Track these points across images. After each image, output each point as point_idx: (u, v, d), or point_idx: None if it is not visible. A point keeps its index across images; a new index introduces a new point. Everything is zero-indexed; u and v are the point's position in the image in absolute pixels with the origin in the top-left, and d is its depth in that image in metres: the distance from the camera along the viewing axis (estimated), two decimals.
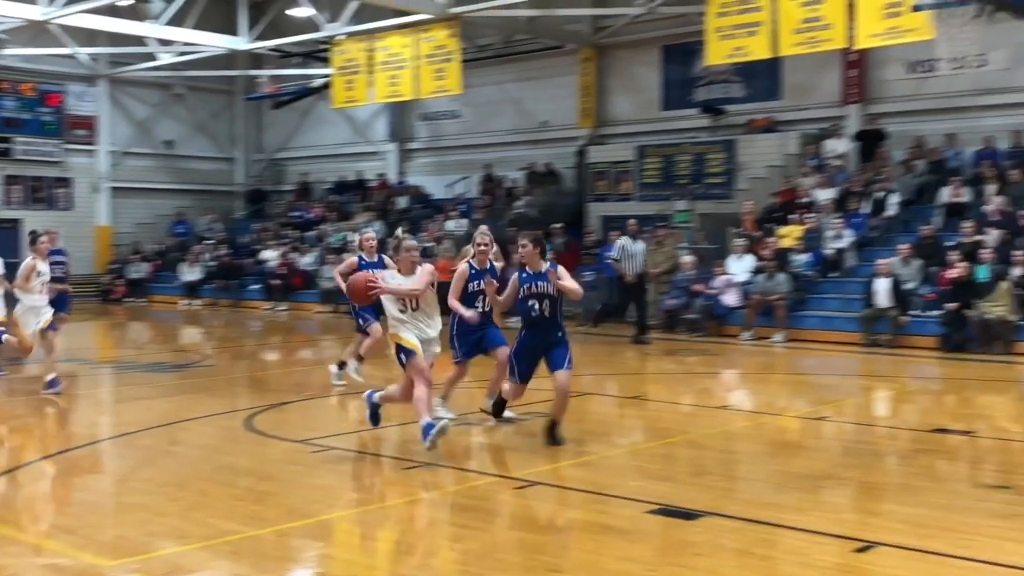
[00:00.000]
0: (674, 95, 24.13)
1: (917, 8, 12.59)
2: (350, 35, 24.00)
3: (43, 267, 11.65)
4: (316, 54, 27.35)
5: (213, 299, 26.30)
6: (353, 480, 7.63)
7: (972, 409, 11.35)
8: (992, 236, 16.56)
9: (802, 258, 18.27)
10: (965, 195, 18.20)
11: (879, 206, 18.91)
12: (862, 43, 17.04)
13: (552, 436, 8.34)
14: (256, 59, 30.07)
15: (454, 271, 9.54)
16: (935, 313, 15.98)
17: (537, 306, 8.34)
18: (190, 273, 26.91)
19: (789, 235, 18.85)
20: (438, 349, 8.36)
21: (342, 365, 11.80)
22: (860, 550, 5.67)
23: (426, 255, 23.64)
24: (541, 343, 8.42)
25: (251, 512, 6.52)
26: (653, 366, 15.03)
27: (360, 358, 11.86)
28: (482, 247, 9.16)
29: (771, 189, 20.80)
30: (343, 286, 11.22)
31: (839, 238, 18.41)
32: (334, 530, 6.36)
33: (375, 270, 10.93)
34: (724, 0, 18.06)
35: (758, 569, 5.47)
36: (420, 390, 7.97)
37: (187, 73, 29.43)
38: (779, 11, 17.37)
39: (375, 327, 11.41)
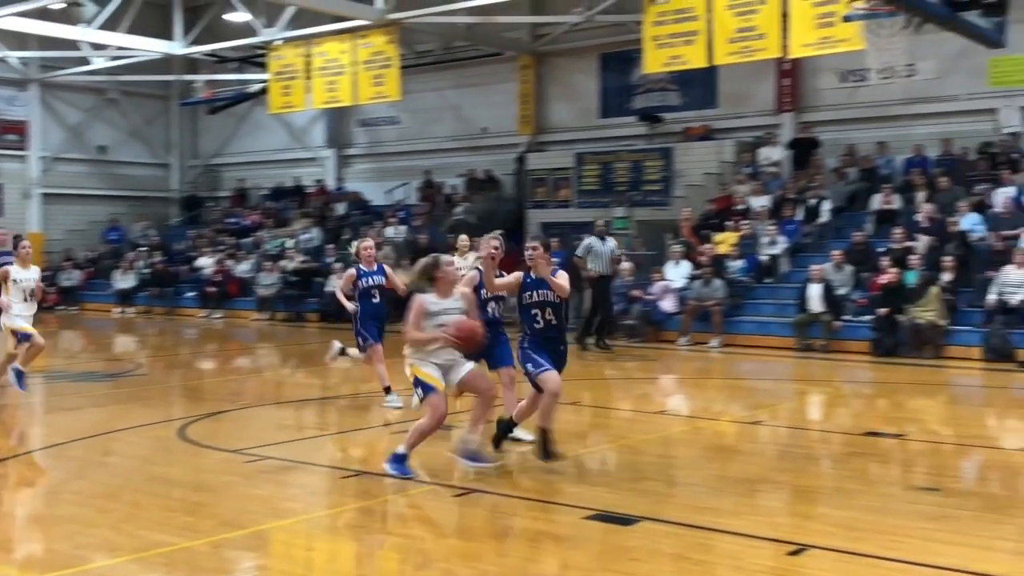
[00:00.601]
0: (612, 103, 24.30)
1: (848, 19, 12.81)
2: (287, 40, 23.81)
3: (23, 274, 11.18)
4: (253, 59, 27.11)
5: (147, 307, 25.89)
6: (289, 490, 7.56)
7: (903, 412, 11.56)
8: (922, 242, 16.91)
9: (737, 264, 18.50)
10: (896, 202, 18.57)
11: (812, 213, 19.21)
12: (795, 53, 17.31)
13: (550, 451, 7.66)
14: (192, 64, 29.68)
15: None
16: (867, 318, 16.28)
17: (540, 316, 7.68)
18: (123, 280, 26.46)
19: (725, 241, 19.08)
20: (467, 367, 7.57)
21: (388, 390, 10.88)
22: (793, 553, 5.75)
23: (351, 263, 23.51)
24: (546, 352, 7.67)
25: (184, 523, 6.43)
26: (591, 371, 15.09)
27: (388, 389, 10.97)
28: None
29: (707, 196, 21.04)
30: (347, 305, 11.02)
31: (773, 244, 18.67)
32: (269, 540, 6.29)
33: (373, 278, 10.84)
34: (661, 9, 18.23)
35: (694, 573, 5.52)
36: (425, 423, 7.40)
37: (121, 78, 28.99)
38: (714, 21, 17.58)
39: (377, 349, 10.89)
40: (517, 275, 7.76)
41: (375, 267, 10.93)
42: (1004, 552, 5.96)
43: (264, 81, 25.25)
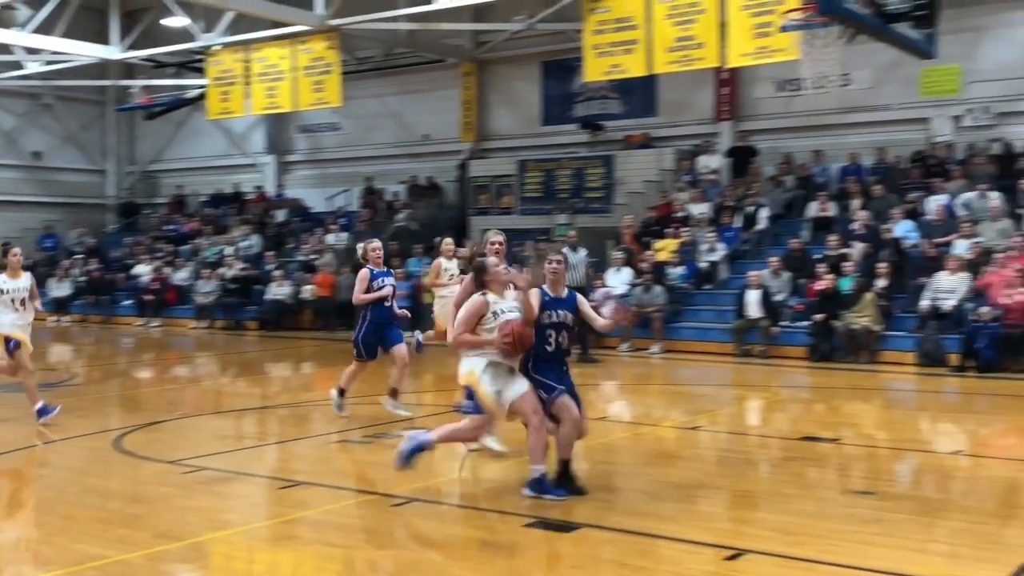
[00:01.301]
0: (554, 110, 24.42)
1: (784, 29, 13.02)
2: (226, 46, 23.59)
3: (12, 284, 10.40)
4: (191, 64, 26.79)
5: (83, 315, 25.45)
6: (227, 501, 7.47)
7: (839, 417, 11.75)
8: (857, 249, 17.20)
9: (677, 271, 18.67)
10: (831, 209, 18.87)
11: (750, 220, 19.46)
12: (733, 62, 17.53)
13: (574, 483, 7.18)
14: (129, 69, 29.27)
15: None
16: (804, 324, 16.52)
17: (554, 338, 7.12)
18: (59, 288, 25.97)
19: (665, 248, 19.24)
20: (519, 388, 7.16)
21: (394, 393, 10.45)
22: (731, 558, 5.81)
23: (310, 270, 23.44)
24: (554, 376, 7.17)
25: (120, 536, 6.32)
26: None
27: (342, 391, 10.51)
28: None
29: (648, 203, 21.21)
30: (364, 297, 10.24)
31: (713, 251, 18.87)
32: (207, 552, 6.21)
33: (384, 279, 10.36)
34: (601, 18, 18.36)
35: None
36: (462, 431, 7.25)
37: (56, 83, 28.45)
38: (654, 30, 17.74)
39: (364, 368, 10.46)
40: (535, 293, 7.13)
41: (385, 268, 10.54)
42: (937, 555, 6.08)
43: (202, 87, 24.96)
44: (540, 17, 22.03)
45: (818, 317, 16.16)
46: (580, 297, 7.40)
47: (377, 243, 10.60)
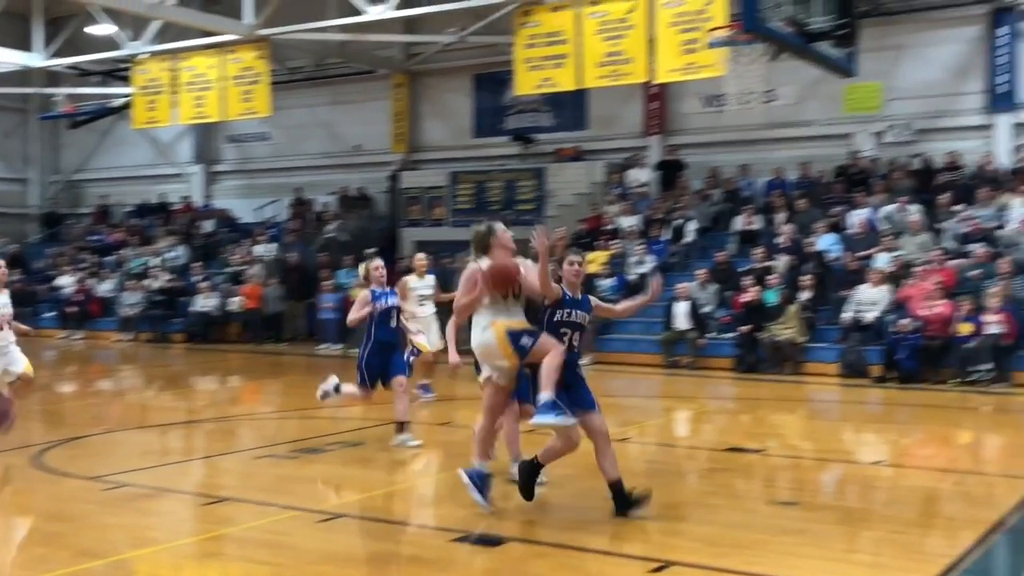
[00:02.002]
0: (486, 123, 24.49)
1: (711, 45, 13.22)
2: (153, 54, 23.23)
3: None
4: (117, 73, 26.33)
5: None
6: (150, 517, 7.33)
7: (765, 428, 11.92)
8: (782, 262, 17.51)
9: (607, 283, 18.80)
10: (757, 223, 19.18)
11: (678, 233, 19.69)
12: (661, 78, 17.73)
13: (628, 500, 6.99)
14: (52, 77, 28.64)
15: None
16: (730, 335, 16.75)
17: (569, 337, 7.07)
18: None
19: (595, 260, 19.36)
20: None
21: (401, 427, 9.81)
22: (657, 570, 5.86)
23: (237, 281, 23.15)
24: (565, 379, 7.02)
25: (39, 555, 6.18)
26: (464, 391, 15.08)
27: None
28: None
29: (578, 216, 21.36)
30: (353, 317, 9.88)
31: (642, 263, 19.05)
32: (130, 570, 6.09)
33: (387, 299, 9.79)
34: (532, 32, 18.47)
35: None
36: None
37: None
38: (584, 45, 17.89)
39: (368, 395, 9.81)
40: (557, 289, 7.04)
41: (388, 288, 9.98)
42: (860, 564, 6.19)
43: (128, 95, 24.55)
44: (471, 30, 22.09)
45: (744, 329, 16.40)
46: (593, 298, 7.37)
47: (379, 261, 10.09)
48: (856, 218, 17.98)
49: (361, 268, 10.12)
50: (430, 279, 12.89)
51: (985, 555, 6.29)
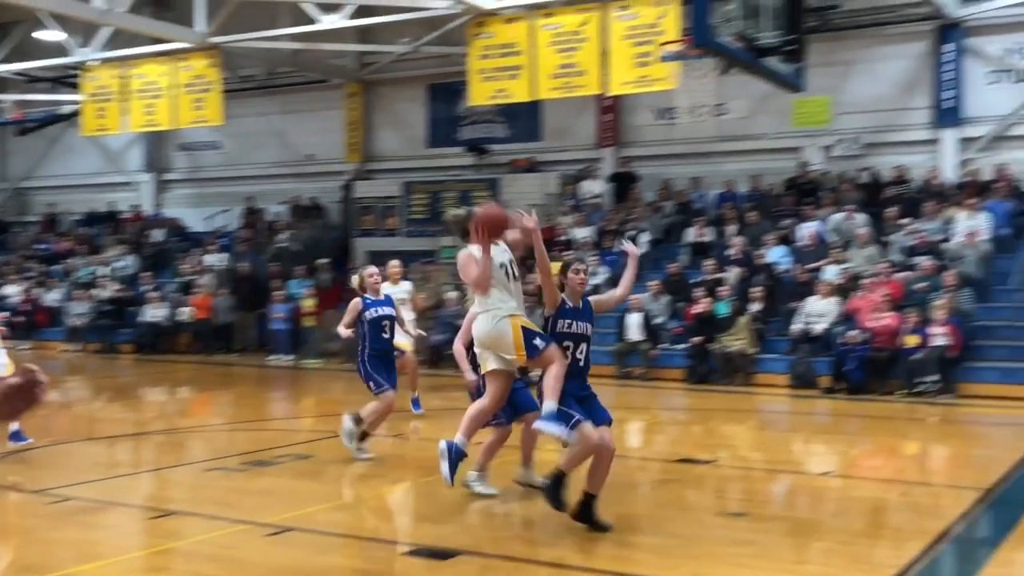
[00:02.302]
0: (440, 133, 24.47)
1: (664, 59, 13.34)
2: (103, 61, 22.95)
3: None
4: (66, 79, 25.97)
5: None
6: (97, 532, 7.22)
7: (716, 439, 12.01)
8: (732, 274, 17.67)
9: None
10: (708, 235, 19.35)
11: (631, 244, 19.76)
12: (614, 90, 17.85)
13: (592, 518, 6.87)
14: (0, 83, 28.26)
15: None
16: (682, 347, 16.87)
17: (572, 350, 6.86)
18: None
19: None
20: None
21: (364, 436, 9.51)
22: None
23: (187, 291, 22.91)
24: (577, 393, 6.88)
25: None
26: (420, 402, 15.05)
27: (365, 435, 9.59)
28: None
29: None
30: (346, 333, 9.67)
31: (595, 274, 19.11)
32: None
33: (383, 309, 9.54)
34: (486, 43, 18.50)
35: None
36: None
37: None
38: (538, 56, 17.95)
39: (391, 396, 9.48)
40: (558, 295, 6.97)
41: (383, 297, 9.76)
42: (808, 575, 6.26)
43: (77, 102, 24.23)
44: (425, 40, 22.08)
45: (696, 340, 16.52)
46: (592, 299, 7.22)
47: (373, 269, 9.94)
48: (805, 231, 18.20)
49: (355, 277, 10.02)
50: (405, 285, 12.89)
51: (931, 565, 6.38)
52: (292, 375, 18.72)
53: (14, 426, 9.71)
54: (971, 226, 16.85)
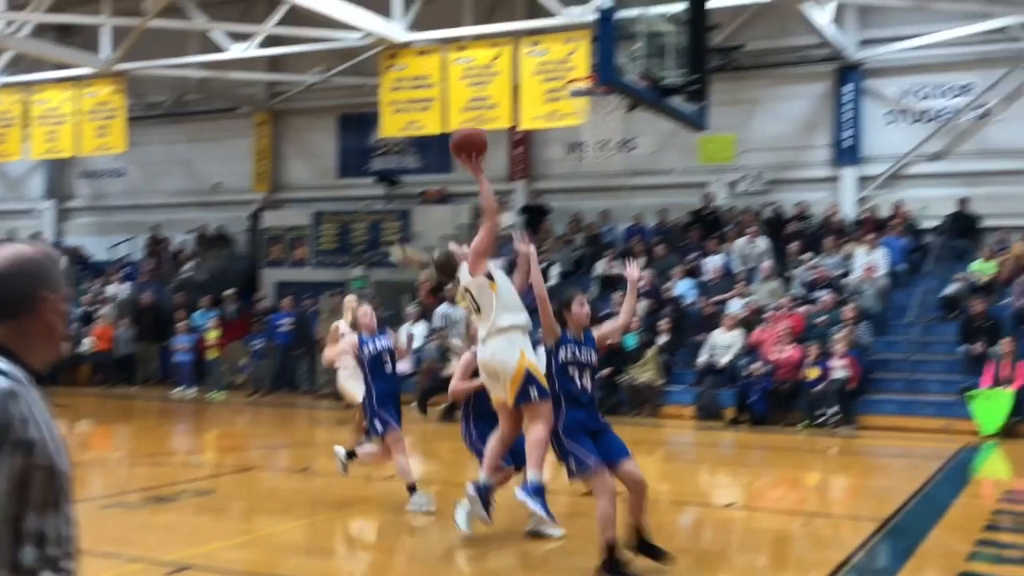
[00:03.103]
0: (351, 163, 24.37)
1: (573, 95, 13.51)
2: (3, 86, 22.36)
3: None
4: None
5: None
6: None
7: None
8: (641, 306, 17.87)
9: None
10: (617, 268, 19.56)
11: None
12: (525, 124, 18.01)
13: (653, 549, 6.66)
14: None
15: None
16: None
17: (578, 379, 6.64)
18: None
19: (460, 303, 19.42)
20: None
21: (413, 488, 8.93)
22: None
23: (88, 322, 22.31)
24: (588, 426, 6.64)
25: None
26: (324, 437, 14.88)
27: (353, 454, 9.34)
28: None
29: None
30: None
31: None
32: None
33: (380, 343, 9.02)
34: (398, 75, 18.52)
35: None
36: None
37: None
38: (449, 89, 18.02)
39: (400, 435, 8.90)
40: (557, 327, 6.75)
41: (378, 332, 9.12)
42: None
43: None
44: (336, 71, 22.01)
45: (604, 372, 16.64)
46: (595, 330, 6.97)
47: (366, 307, 9.36)
48: (711, 264, 18.54)
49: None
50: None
51: None
52: (195, 408, 18.35)
53: None
54: (869, 261, 17.37)
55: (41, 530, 2.14)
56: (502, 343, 6.93)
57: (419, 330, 18.75)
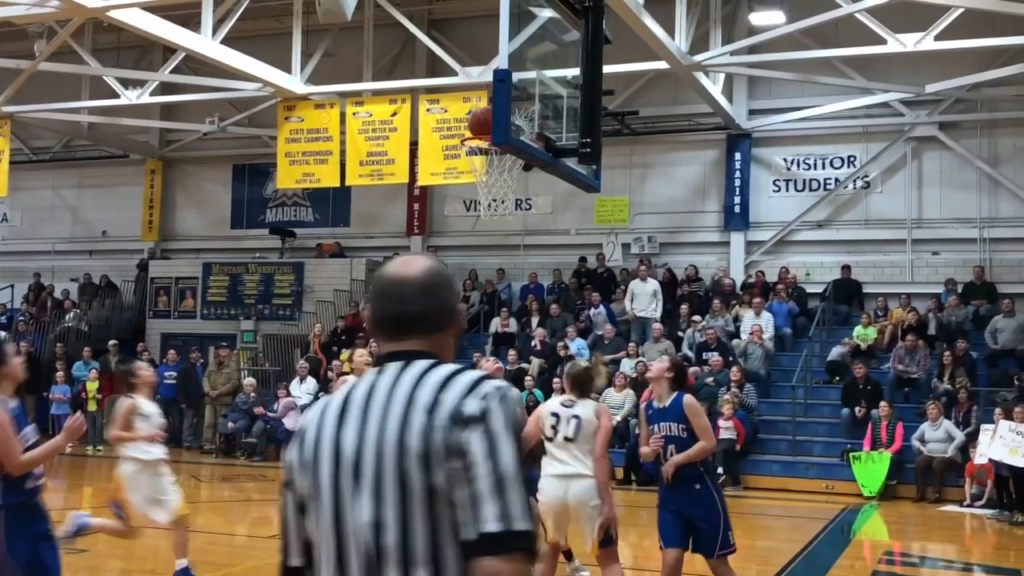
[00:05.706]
0: (244, 214, 24.03)
1: (469, 153, 13.57)
2: None
3: None
4: None
5: None
6: None
7: None
8: (535, 364, 17.94)
9: None
10: (512, 325, 19.63)
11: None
12: (423, 181, 18.02)
13: None
14: None
15: None
16: None
17: (664, 454, 6.38)
18: None
19: (348, 359, 19.18)
20: None
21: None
22: None
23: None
24: (678, 506, 6.46)
25: None
26: (206, 493, 14.46)
27: None
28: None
29: (338, 312, 21.17)
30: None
31: None
32: None
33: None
34: (295, 127, 18.38)
35: None
36: None
37: None
38: (347, 143, 17.97)
39: None
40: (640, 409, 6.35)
41: None
42: None
43: None
44: (231, 121, 21.76)
45: None
46: (687, 399, 6.50)
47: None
48: (600, 316, 18.73)
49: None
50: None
51: None
52: (72, 462, 17.66)
53: None
54: (756, 324, 17.75)
55: None
56: (591, 486, 6.64)
57: (309, 386, 18.44)
